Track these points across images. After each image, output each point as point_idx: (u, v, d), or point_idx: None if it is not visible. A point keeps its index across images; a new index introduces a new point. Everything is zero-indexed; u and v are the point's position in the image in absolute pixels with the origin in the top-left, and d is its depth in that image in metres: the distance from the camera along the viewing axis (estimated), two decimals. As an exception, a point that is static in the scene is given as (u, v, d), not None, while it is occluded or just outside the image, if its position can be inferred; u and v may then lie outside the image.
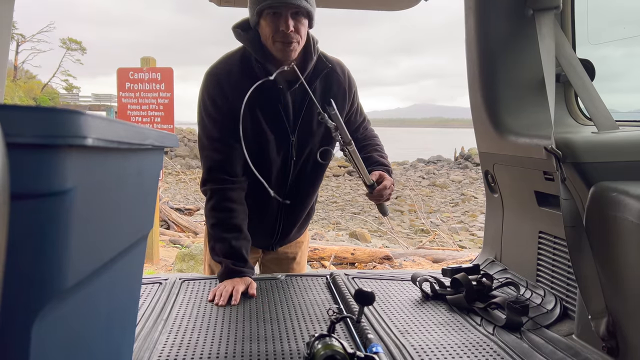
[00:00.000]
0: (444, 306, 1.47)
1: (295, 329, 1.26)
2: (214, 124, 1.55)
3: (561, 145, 1.28)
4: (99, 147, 0.52)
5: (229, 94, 1.51)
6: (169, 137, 0.88)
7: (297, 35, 1.45)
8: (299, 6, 1.41)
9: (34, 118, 0.43)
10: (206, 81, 1.55)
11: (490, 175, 1.80)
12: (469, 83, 1.79)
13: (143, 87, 5.24)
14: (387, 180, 1.64)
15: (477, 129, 1.81)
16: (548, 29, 1.52)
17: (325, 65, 1.60)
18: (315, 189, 1.77)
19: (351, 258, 5.65)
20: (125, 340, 0.88)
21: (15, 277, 0.45)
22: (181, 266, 5.07)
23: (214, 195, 1.56)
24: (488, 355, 1.14)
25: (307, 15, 1.46)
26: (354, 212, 12.37)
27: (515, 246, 1.72)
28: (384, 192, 1.62)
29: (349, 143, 1.50)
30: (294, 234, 1.82)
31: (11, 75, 28.17)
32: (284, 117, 1.56)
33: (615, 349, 1.10)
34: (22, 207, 0.45)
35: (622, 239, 1.08)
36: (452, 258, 5.69)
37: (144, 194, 0.83)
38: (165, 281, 1.64)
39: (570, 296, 1.38)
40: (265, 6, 1.41)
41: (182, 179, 16.35)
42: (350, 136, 1.52)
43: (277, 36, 1.44)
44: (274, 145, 1.58)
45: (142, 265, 0.98)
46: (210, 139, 1.56)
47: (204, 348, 1.14)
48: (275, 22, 1.42)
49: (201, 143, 1.60)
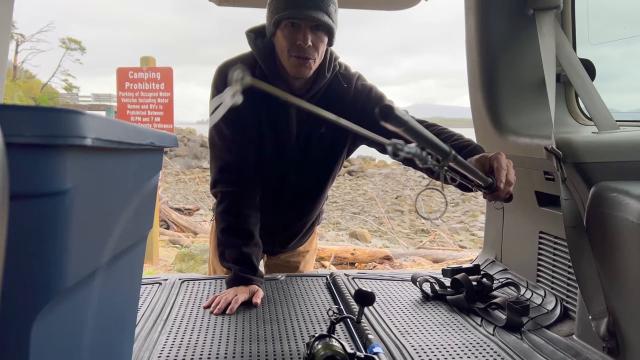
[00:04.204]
0: (444, 306, 1.47)
1: (295, 330, 1.26)
2: (224, 122, 1.47)
3: (562, 145, 1.28)
4: (98, 147, 0.52)
5: None
6: (169, 137, 0.88)
7: (314, 51, 1.35)
8: (319, 20, 1.31)
9: (33, 118, 0.43)
10: (216, 78, 1.49)
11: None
12: (469, 83, 1.79)
13: (143, 86, 5.24)
14: (500, 161, 1.16)
15: (477, 129, 1.81)
16: (548, 28, 1.52)
17: (339, 85, 1.49)
18: (316, 205, 1.68)
19: (351, 258, 5.65)
20: (125, 341, 0.87)
21: (15, 277, 0.45)
22: (181, 266, 5.07)
23: (225, 198, 1.49)
24: (488, 356, 1.13)
25: (328, 32, 1.37)
26: (354, 212, 12.37)
27: (515, 246, 1.72)
28: (510, 178, 1.15)
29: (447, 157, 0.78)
30: (294, 243, 1.77)
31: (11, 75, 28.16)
32: (286, 131, 1.49)
33: (615, 349, 1.10)
34: (21, 207, 0.44)
35: (622, 239, 1.07)
36: (453, 258, 5.70)
37: (143, 194, 0.83)
38: (165, 281, 1.64)
39: (570, 296, 1.38)
40: (283, 16, 1.32)
41: (181, 179, 16.35)
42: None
43: (292, 50, 1.34)
44: (272, 158, 1.52)
45: (142, 265, 0.97)
46: (222, 138, 1.49)
47: (203, 348, 1.14)
48: (293, 35, 1.33)
49: (213, 142, 1.52)
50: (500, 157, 1.16)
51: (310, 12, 1.30)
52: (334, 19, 1.37)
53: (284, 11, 1.32)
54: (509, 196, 1.18)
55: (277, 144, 1.50)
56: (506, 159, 1.17)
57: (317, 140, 1.51)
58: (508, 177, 1.14)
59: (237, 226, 1.48)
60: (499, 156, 1.17)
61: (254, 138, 1.48)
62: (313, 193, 1.63)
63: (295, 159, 1.52)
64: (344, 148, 1.56)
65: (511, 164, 1.17)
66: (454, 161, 0.80)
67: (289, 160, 1.52)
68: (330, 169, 1.59)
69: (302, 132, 1.50)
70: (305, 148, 1.51)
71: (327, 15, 1.33)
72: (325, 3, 1.33)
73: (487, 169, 1.17)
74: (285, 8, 1.32)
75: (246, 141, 1.48)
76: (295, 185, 1.56)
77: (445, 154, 0.75)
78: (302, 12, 1.30)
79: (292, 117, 1.47)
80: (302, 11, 1.30)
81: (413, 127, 0.59)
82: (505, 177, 1.13)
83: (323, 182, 1.61)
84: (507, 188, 1.15)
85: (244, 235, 1.49)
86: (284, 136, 1.49)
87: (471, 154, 1.26)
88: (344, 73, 1.53)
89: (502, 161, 1.15)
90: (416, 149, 0.63)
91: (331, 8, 1.35)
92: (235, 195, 1.49)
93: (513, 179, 1.16)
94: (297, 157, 1.52)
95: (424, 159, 0.65)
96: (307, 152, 1.52)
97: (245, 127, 1.46)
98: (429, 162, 0.68)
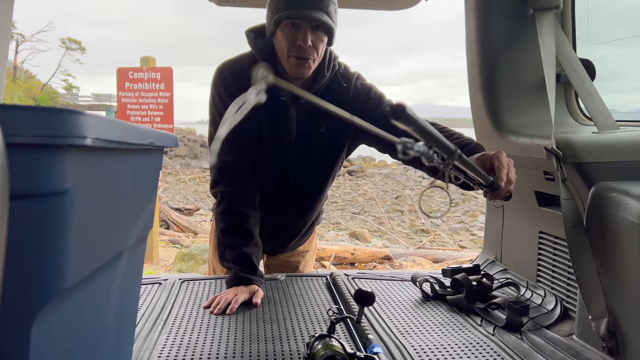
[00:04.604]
0: (444, 306, 1.47)
1: (295, 330, 1.26)
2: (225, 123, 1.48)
3: (561, 145, 1.28)
4: (98, 147, 0.52)
5: (235, 93, 1.44)
6: (169, 137, 0.88)
7: (314, 51, 1.35)
8: (319, 20, 1.31)
9: (33, 118, 0.43)
10: (215, 78, 1.50)
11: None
12: (469, 83, 1.79)
13: (143, 86, 5.24)
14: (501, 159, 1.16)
15: (477, 129, 1.81)
16: (548, 28, 1.52)
17: (339, 85, 1.49)
18: (316, 205, 1.68)
19: (351, 258, 5.65)
20: (125, 341, 0.87)
21: (15, 277, 0.45)
22: (181, 266, 5.08)
23: (225, 198, 1.50)
24: (488, 356, 1.13)
25: (328, 32, 1.37)
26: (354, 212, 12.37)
27: (515, 246, 1.72)
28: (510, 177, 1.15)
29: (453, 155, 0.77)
30: (294, 243, 1.77)
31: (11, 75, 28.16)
32: (286, 131, 1.49)
33: (615, 349, 1.10)
34: (21, 207, 0.44)
35: (622, 239, 1.07)
36: (452, 258, 5.70)
37: (143, 194, 0.83)
38: (165, 281, 1.64)
39: (570, 296, 1.38)
40: (283, 16, 1.32)
41: (181, 178, 16.35)
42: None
43: (292, 50, 1.34)
44: (272, 158, 1.52)
45: (142, 265, 0.97)
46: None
47: (203, 348, 1.14)
48: (292, 35, 1.33)
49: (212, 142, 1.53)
50: (501, 156, 1.17)
51: (310, 12, 1.30)
52: (334, 19, 1.37)
53: (284, 11, 1.32)
54: (509, 194, 1.18)
55: (276, 144, 1.50)
56: (507, 158, 1.17)
57: (317, 140, 1.51)
58: (509, 175, 1.14)
59: (237, 226, 1.48)
60: (499, 155, 1.17)
61: (254, 138, 1.48)
62: (313, 193, 1.63)
63: (294, 159, 1.52)
64: (343, 148, 1.56)
65: (512, 162, 1.18)
66: (459, 160, 0.80)
67: (289, 160, 1.52)
68: (330, 168, 1.59)
69: (301, 132, 1.50)
70: (305, 148, 1.51)
71: (327, 15, 1.33)
72: (325, 3, 1.33)
73: (487, 168, 1.17)
74: (285, 8, 1.32)
75: (246, 141, 1.48)
76: (295, 185, 1.56)
77: (451, 152, 0.74)
78: (302, 12, 1.30)
79: (291, 117, 1.47)
80: (302, 11, 1.30)
81: (422, 125, 0.60)
82: (506, 176, 1.14)
83: (323, 181, 1.61)
84: (508, 187, 1.15)
85: (244, 235, 1.49)
86: (283, 136, 1.49)
87: (472, 152, 1.26)
88: (344, 73, 1.53)
89: (503, 160, 1.16)
90: (424, 148, 0.63)
91: (331, 8, 1.35)
92: (235, 195, 1.49)
93: (514, 177, 1.16)
94: (296, 156, 1.52)
95: (431, 157, 0.65)
96: (307, 152, 1.52)
97: (245, 127, 1.46)
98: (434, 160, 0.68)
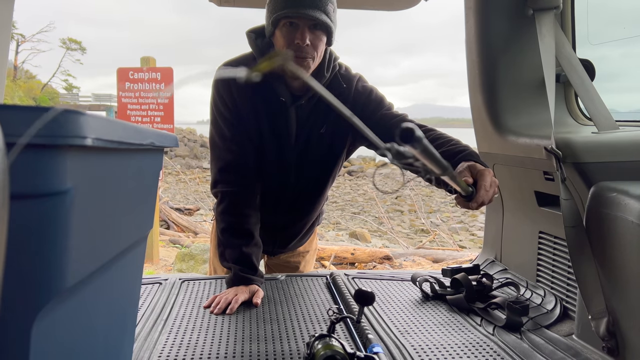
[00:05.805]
0: (444, 306, 1.47)
1: (295, 329, 1.26)
2: (224, 122, 1.48)
3: (561, 145, 1.28)
4: (98, 147, 0.52)
5: (235, 94, 1.45)
6: (169, 137, 0.88)
7: (312, 50, 1.35)
8: (317, 19, 1.31)
9: (33, 118, 0.43)
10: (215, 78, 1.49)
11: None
12: (469, 83, 1.79)
13: (143, 87, 5.25)
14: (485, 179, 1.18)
15: (477, 129, 1.81)
16: (548, 28, 1.52)
17: (339, 86, 1.49)
18: (316, 206, 1.68)
19: (351, 258, 5.65)
20: (125, 340, 0.88)
21: (15, 277, 0.45)
22: (181, 266, 5.08)
23: (225, 198, 1.50)
24: (488, 356, 1.14)
25: (326, 31, 1.37)
26: (354, 212, 12.36)
27: (515, 246, 1.72)
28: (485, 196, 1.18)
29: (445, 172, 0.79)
30: (294, 243, 1.78)
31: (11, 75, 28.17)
32: (286, 132, 1.49)
33: (615, 349, 1.10)
34: (22, 207, 0.44)
35: (622, 239, 1.08)
36: (452, 258, 5.69)
37: (144, 194, 0.83)
38: (165, 281, 1.64)
39: (570, 296, 1.38)
40: (281, 15, 1.32)
41: (182, 179, 16.35)
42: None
43: (291, 49, 1.34)
44: (272, 159, 1.51)
45: (142, 265, 0.98)
46: (222, 138, 1.49)
47: (203, 348, 1.14)
48: (291, 34, 1.33)
49: (213, 142, 1.52)
50: (487, 176, 1.19)
51: (308, 11, 1.30)
52: (333, 19, 1.37)
53: (282, 10, 1.32)
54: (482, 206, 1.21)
55: (276, 145, 1.50)
56: (492, 178, 1.19)
57: (317, 141, 1.51)
58: (484, 197, 1.17)
59: (237, 226, 1.48)
60: (486, 174, 1.19)
61: (254, 138, 1.49)
62: (313, 194, 1.63)
63: (295, 160, 1.52)
64: (343, 149, 1.56)
65: (496, 183, 1.20)
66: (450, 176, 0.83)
67: (289, 162, 1.52)
68: (330, 169, 1.59)
69: (301, 134, 1.50)
70: (305, 149, 1.51)
71: (325, 14, 1.33)
72: (323, 2, 1.33)
73: (473, 178, 1.20)
74: (284, 7, 1.32)
75: (246, 141, 1.48)
76: (295, 186, 1.56)
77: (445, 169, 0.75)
78: (300, 11, 1.30)
79: (291, 119, 1.47)
80: (300, 10, 1.31)
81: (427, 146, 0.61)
82: (482, 197, 1.17)
83: (323, 182, 1.61)
84: (479, 206, 1.19)
85: (244, 235, 1.49)
86: (283, 137, 1.49)
87: (465, 159, 1.29)
88: (344, 74, 1.53)
89: (487, 180, 1.18)
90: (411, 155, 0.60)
91: (329, 7, 1.35)
92: (235, 195, 1.49)
93: (489, 199, 1.19)
94: (296, 158, 1.52)
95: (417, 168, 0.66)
96: (307, 153, 1.52)
97: (246, 127, 1.47)
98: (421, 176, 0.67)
